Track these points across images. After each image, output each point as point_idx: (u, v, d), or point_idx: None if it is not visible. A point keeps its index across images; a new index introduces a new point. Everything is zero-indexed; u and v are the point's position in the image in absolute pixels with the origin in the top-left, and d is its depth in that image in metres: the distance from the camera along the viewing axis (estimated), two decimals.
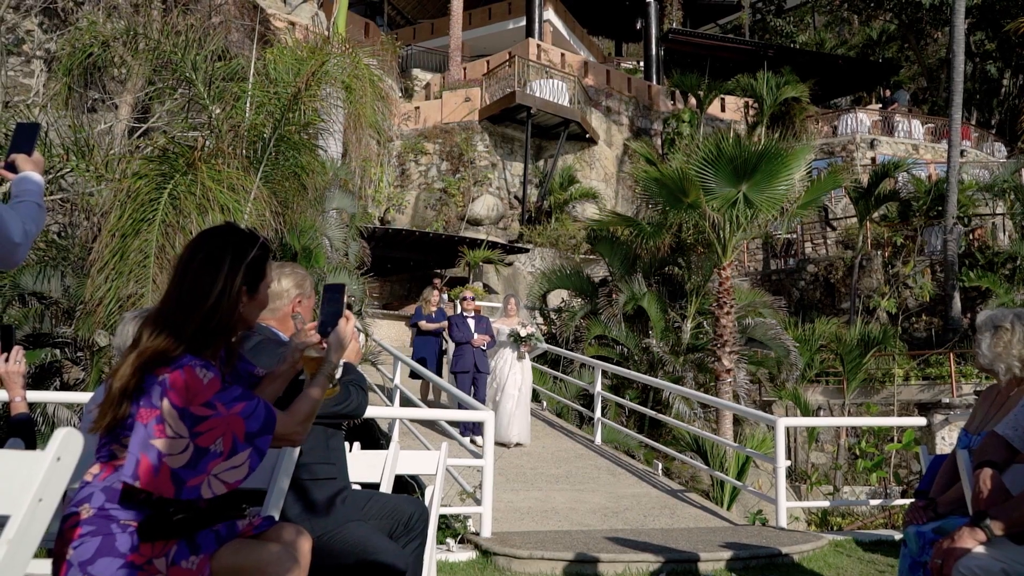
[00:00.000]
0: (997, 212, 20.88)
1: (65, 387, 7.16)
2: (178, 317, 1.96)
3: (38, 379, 7.02)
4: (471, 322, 9.40)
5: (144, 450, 1.82)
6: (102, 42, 7.31)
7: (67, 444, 1.57)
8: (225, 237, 2.10)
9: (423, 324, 10.89)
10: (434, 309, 10.97)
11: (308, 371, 2.23)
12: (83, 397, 5.12)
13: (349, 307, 2.37)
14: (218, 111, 7.31)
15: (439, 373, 10.22)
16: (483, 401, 8.88)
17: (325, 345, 2.21)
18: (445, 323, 10.20)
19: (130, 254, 5.63)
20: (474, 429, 8.58)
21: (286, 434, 2.05)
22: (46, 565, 2.01)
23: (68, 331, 7.17)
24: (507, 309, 9.82)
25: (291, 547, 2.02)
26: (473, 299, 9.67)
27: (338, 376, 2.30)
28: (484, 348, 9.37)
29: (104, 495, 1.86)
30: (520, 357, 9.41)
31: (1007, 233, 20.53)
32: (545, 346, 11.30)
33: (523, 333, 9.33)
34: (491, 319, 10.30)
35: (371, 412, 6.46)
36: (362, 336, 11.14)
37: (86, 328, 6.29)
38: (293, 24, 17.17)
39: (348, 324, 2.27)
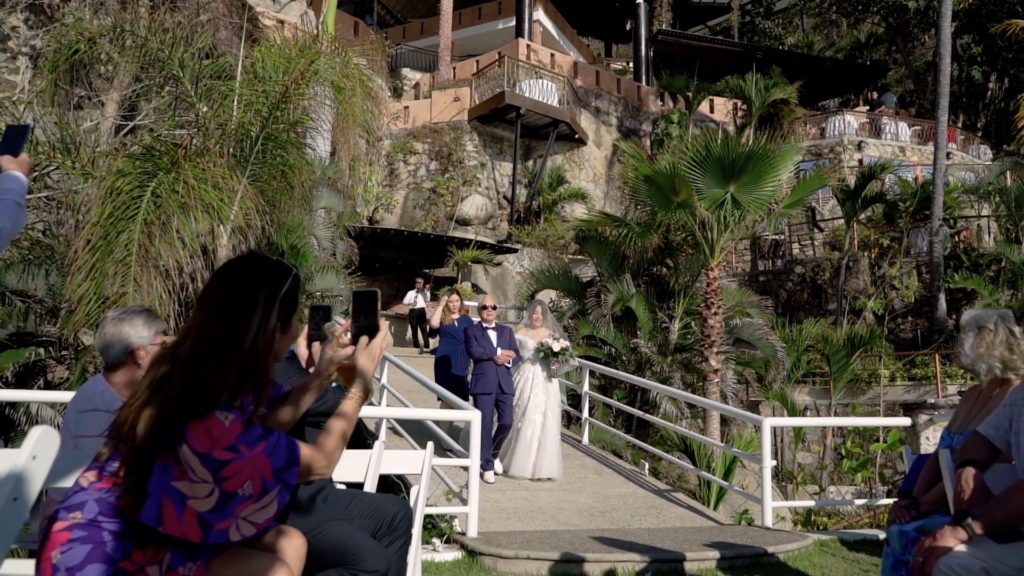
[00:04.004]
0: (982, 214, 21.04)
1: (49, 386, 7.10)
2: (214, 366, 1.84)
3: (22, 378, 6.97)
4: (492, 334, 7.94)
5: (165, 493, 1.76)
6: (89, 39, 7.26)
7: (43, 443, 1.55)
8: (256, 270, 1.97)
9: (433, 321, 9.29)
10: (456, 318, 9.12)
11: (343, 379, 2.15)
12: (67, 396, 5.07)
13: (369, 315, 2.24)
14: (205, 109, 7.28)
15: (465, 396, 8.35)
16: (509, 427, 7.88)
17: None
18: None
19: (112, 252, 5.60)
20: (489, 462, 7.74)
21: (316, 469, 1.95)
22: (27, 565, 1.97)
23: (53, 330, 7.12)
24: (532, 318, 8.49)
25: (284, 553, 1.99)
26: (494, 308, 8.27)
27: (360, 394, 2.14)
28: (509, 365, 7.93)
29: (97, 506, 1.81)
30: (550, 376, 8.23)
31: (992, 235, 20.69)
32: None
33: (556, 348, 8.09)
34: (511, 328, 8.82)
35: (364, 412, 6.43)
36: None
37: (70, 327, 6.25)
38: (282, 22, 17.10)
39: (378, 339, 2.14)
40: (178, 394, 1.81)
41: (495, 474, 7.79)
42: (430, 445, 3.43)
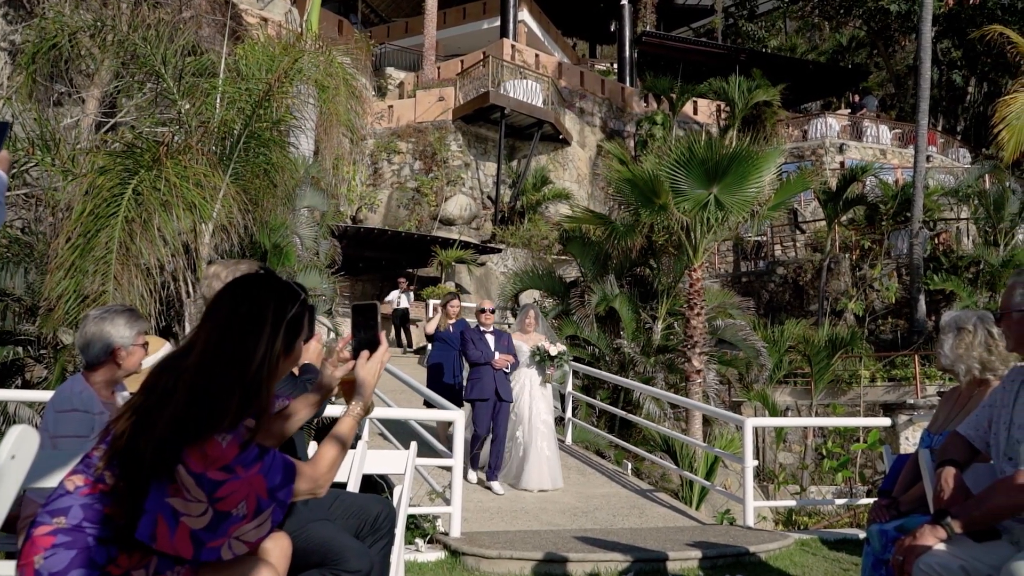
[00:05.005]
0: (961, 217, 21.27)
1: (27, 385, 7.02)
2: (219, 388, 1.80)
3: (0, 377, 6.89)
4: (490, 338, 7.62)
5: (159, 509, 1.74)
6: (69, 34, 7.18)
7: (22, 442, 1.53)
8: (266, 290, 1.95)
9: (428, 328, 8.90)
10: (452, 323, 8.64)
11: (343, 394, 2.13)
12: (46, 396, 5.02)
13: (369, 329, 2.20)
14: (187, 106, 7.22)
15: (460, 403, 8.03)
16: (503, 438, 7.58)
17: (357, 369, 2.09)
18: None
19: (92, 250, 5.54)
20: (489, 474, 7.56)
21: (310, 490, 1.94)
22: (6, 567, 1.94)
23: (31, 328, 7.04)
24: (524, 323, 8.30)
25: (270, 554, 1.97)
26: (492, 311, 7.88)
27: (358, 411, 2.12)
28: (507, 371, 7.60)
29: (83, 512, 1.79)
30: (545, 382, 8.04)
31: (971, 238, 20.93)
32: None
33: (553, 352, 7.89)
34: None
35: (339, 412, 6.41)
36: (332, 335, 11.04)
37: (49, 325, 6.18)
38: (265, 20, 17.01)
39: (379, 354, 2.12)
40: (180, 415, 1.78)
41: (496, 493, 7.39)
42: (413, 445, 3.42)
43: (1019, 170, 22.92)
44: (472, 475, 7.55)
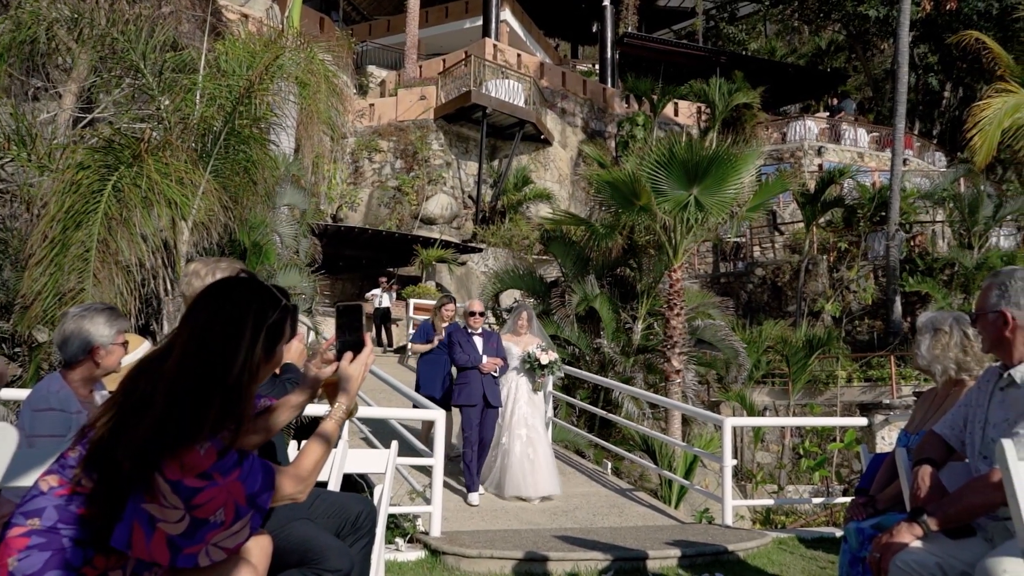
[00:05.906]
0: (937, 220, 21.53)
1: None
2: (198, 396, 1.77)
3: None
4: (478, 340, 7.29)
5: (135, 516, 1.72)
6: (46, 27, 7.09)
7: (0, 440, 1.51)
8: (247, 294, 1.92)
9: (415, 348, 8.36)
10: (445, 325, 8.32)
11: (327, 396, 2.12)
12: (20, 394, 4.94)
13: (354, 330, 2.18)
14: (167, 102, 7.15)
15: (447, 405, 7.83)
16: (488, 443, 7.28)
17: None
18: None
19: (71, 247, 5.47)
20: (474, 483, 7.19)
21: (292, 493, 1.92)
22: None
23: (6, 326, 6.94)
24: (516, 325, 7.90)
25: (251, 553, 1.95)
26: (481, 314, 7.55)
27: (341, 413, 2.10)
28: (496, 375, 7.26)
29: (57, 513, 1.77)
30: (536, 389, 7.73)
31: (946, 240, 21.19)
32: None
33: (544, 360, 7.50)
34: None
35: (319, 411, 6.38)
36: (312, 335, 10.99)
37: (25, 323, 6.10)
38: (246, 16, 16.91)
39: (363, 355, 2.11)
40: (158, 423, 1.75)
41: (479, 495, 7.16)
42: (394, 444, 3.41)
43: (993, 174, 23.29)
44: (474, 496, 7.04)
